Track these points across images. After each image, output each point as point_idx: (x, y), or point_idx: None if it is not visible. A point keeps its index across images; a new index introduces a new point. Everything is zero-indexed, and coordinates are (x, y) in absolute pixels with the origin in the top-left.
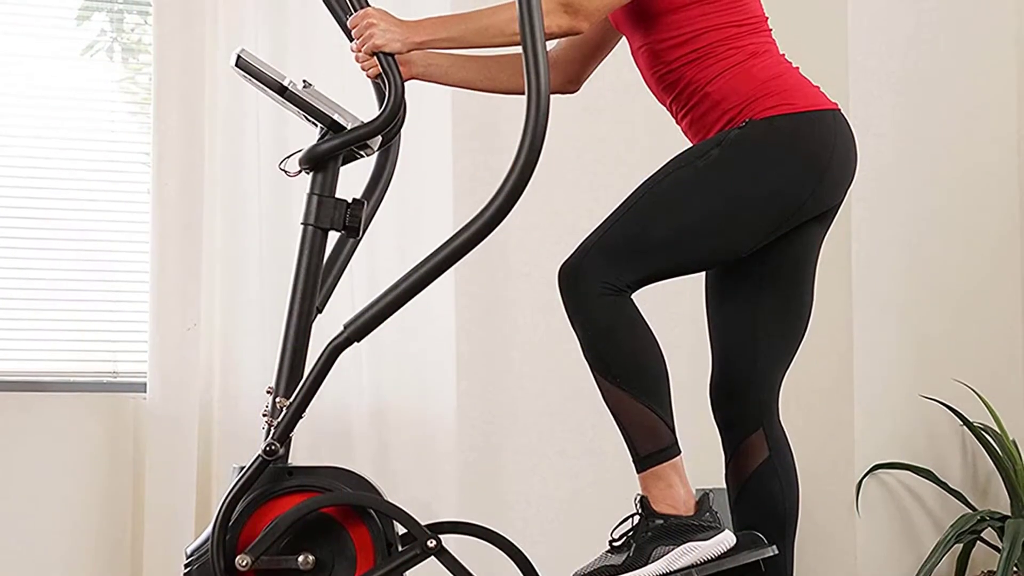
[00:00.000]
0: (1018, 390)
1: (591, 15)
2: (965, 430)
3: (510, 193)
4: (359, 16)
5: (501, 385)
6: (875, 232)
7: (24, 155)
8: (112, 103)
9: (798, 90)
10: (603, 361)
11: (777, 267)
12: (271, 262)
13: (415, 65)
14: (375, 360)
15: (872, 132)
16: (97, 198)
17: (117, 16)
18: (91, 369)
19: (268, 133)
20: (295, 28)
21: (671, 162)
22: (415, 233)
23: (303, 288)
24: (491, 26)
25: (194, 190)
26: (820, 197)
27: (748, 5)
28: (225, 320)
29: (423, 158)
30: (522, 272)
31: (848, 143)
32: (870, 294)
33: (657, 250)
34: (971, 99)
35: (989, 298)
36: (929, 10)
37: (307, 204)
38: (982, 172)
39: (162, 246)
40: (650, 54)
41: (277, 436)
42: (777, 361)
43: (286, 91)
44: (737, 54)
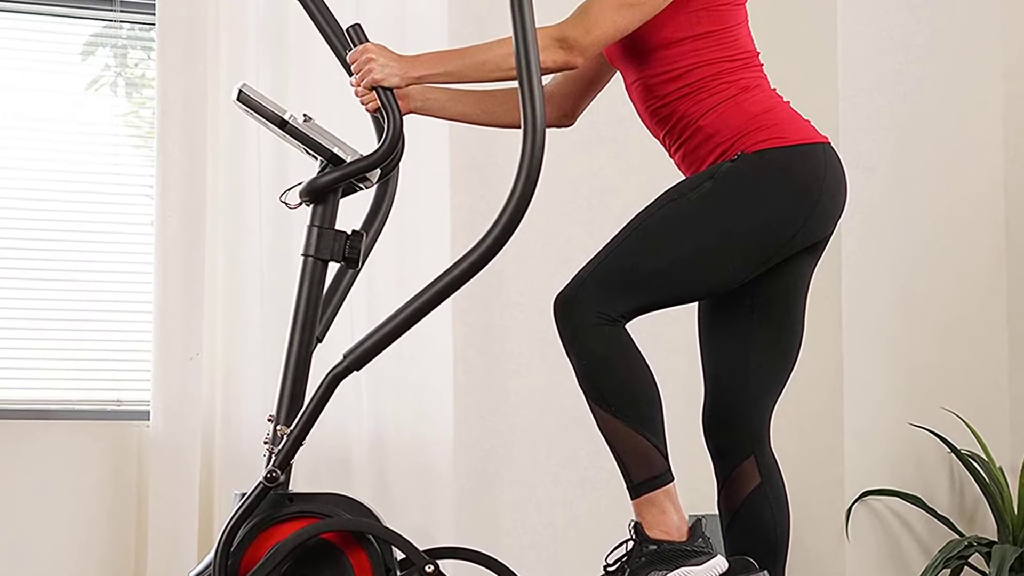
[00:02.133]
0: (1004, 418)
1: (586, 50)
2: (953, 457)
3: (506, 225)
4: (358, 51)
5: (498, 413)
6: (864, 263)
7: (30, 187)
8: (116, 136)
9: (789, 124)
10: (598, 390)
11: (768, 298)
12: (272, 293)
13: (413, 99)
14: (374, 389)
15: (862, 165)
16: (101, 230)
17: (121, 51)
18: (96, 398)
19: (269, 166)
20: (295, 63)
21: (664, 195)
22: (413, 264)
23: (303, 318)
24: (488, 61)
25: (196, 222)
26: (811, 229)
27: (740, 40)
28: (227, 350)
29: (421, 190)
30: (518, 302)
31: (838, 176)
32: (860, 324)
33: (651, 281)
34: (958, 134)
35: (976, 329)
36: (918, 46)
37: (307, 236)
38: (969, 206)
39: (165, 277)
40: (644, 88)
41: (278, 463)
42: (768, 390)
43: (287, 125)
44: (729, 88)
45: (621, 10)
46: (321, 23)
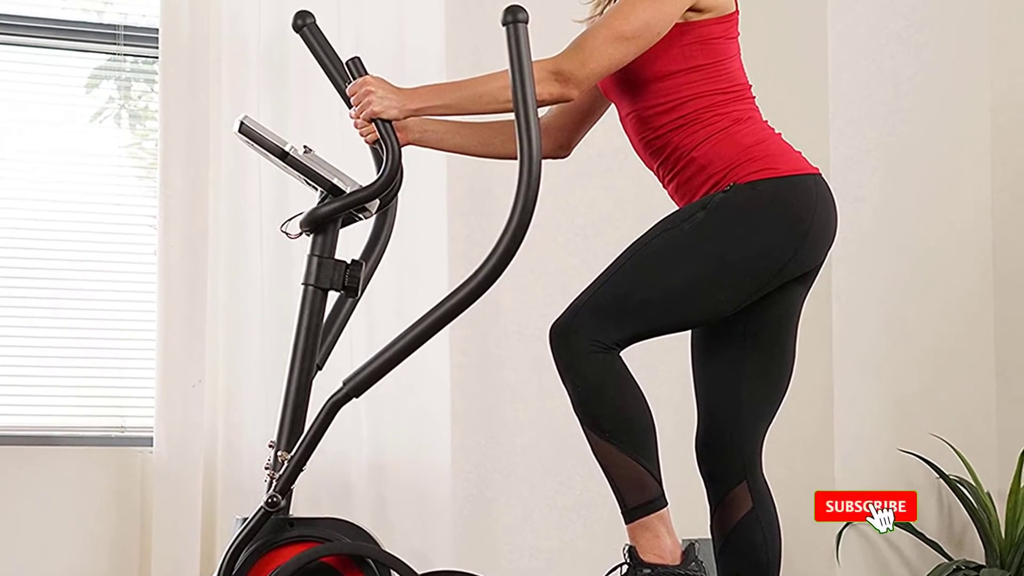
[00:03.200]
0: (992, 444)
1: (581, 83)
2: (941, 483)
3: (503, 255)
4: (358, 84)
5: (494, 440)
6: (855, 292)
7: (35, 217)
8: (120, 168)
9: (781, 155)
10: (593, 416)
11: (760, 326)
12: (273, 321)
13: (412, 131)
14: (373, 415)
15: (852, 196)
16: (105, 259)
17: (125, 84)
18: (100, 424)
19: (270, 197)
20: (296, 96)
21: (658, 225)
22: (412, 293)
23: (304, 346)
24: (485, 93)
25: (199, 252)
26: (802, 258)
27: (733, 73)
28: (229, 377)
29: (419, 220)
30: (514, 330)
31: (829, 206)
32: (850, 352)
33: (644, 310)
34: (946, 165)
35: (964, 357)
36: (907, 79)
37: (307, 265)
38: (957, 235)
39: (168, 306)
40: (638, 120)
41: (279, 488)
42: (760, 417)
43: (287, 156)
44: (722, 120)
45: (616, 44)
46: (321, 56)
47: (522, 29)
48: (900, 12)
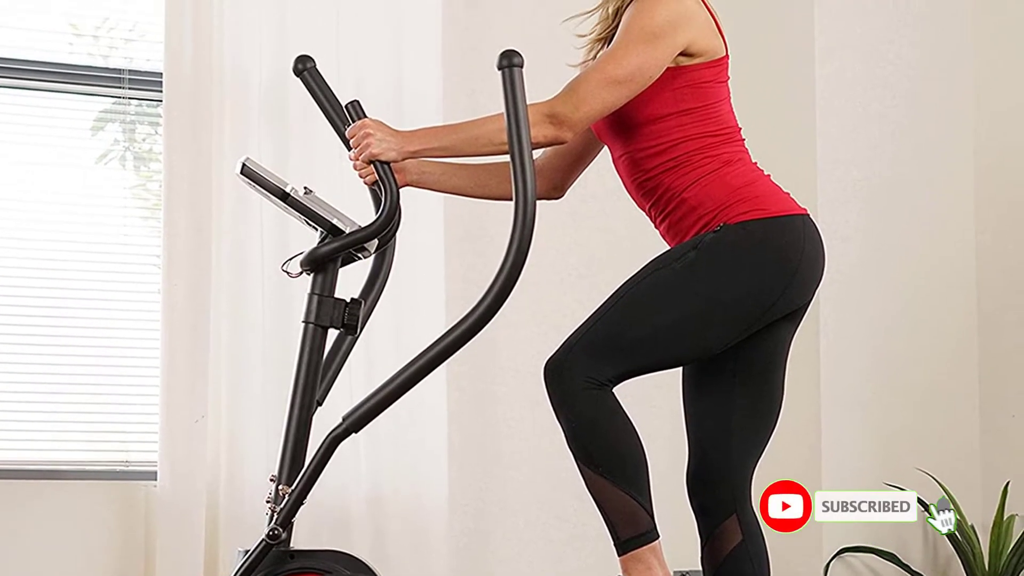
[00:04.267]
0: (976, 479)
1: (575, 125)
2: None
3: (499, 293)
4: (357, 127)
5: (490, 474)
6: (842, 330)
7: (43, 256)
8: (125, 208)
9: (769, 196)
10: (586, 451)
11: (750, 363)
12: (274, 358)
13: (409, 173)
14: (372, 450)
15: (839, 236)
16: (111, 298)
17: (129, 127)
18: (105, 458)
19: (271, 237)
20: (296, 138)
21: (650, 264)
22: (410, 331)
23: (304, 382)
24: (481, 136)
25: (202, 290)
26: (790, 297)
27: (723, 116)
28: (231, 413)
29: (417, 260)
30: (510, 367)
31: (816, 246)
32: (837, 388)
33: (637, 347)
34: (931, 206)
35: (948, 393)
36: (893, 122)
37: (308, 303)
38: (942, 275)
39: (172, 343)
40: (630, 162)
41: (280, 521)
42: (750, 451)
43: (288, 197)
44: (712, 162)
45: (608, 87)
46: (321, 100)
47: (517, 73)
48: (886, 57)
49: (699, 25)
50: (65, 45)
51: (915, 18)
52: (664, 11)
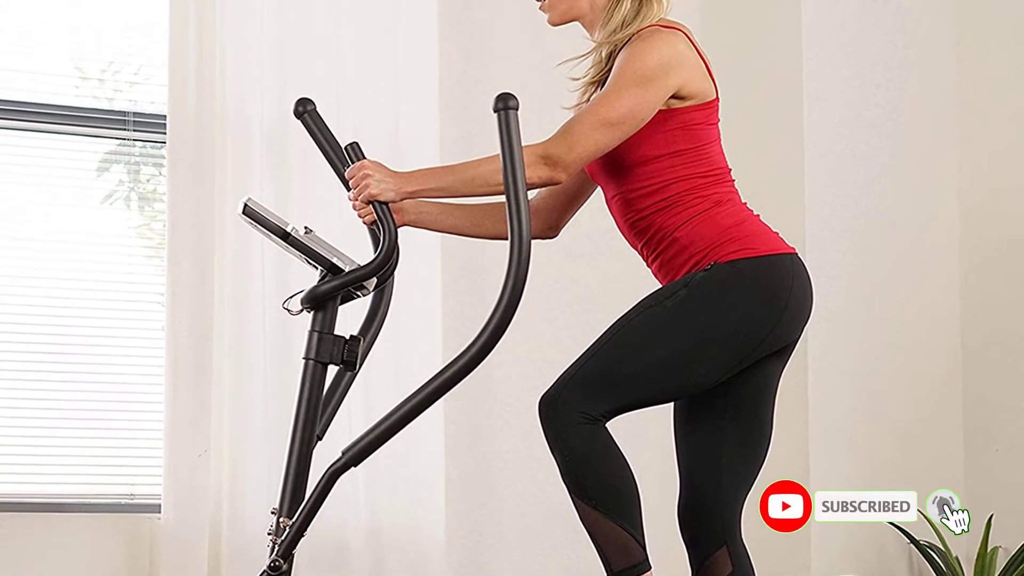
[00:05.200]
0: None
1: (569, 166)
2: (912, 547)
3: (495, 330)
4: (356, 168)
5: (487, 507)
6: (829, 366)
7: (50, 295)
8: (129, 248)
9: (759, 236)
10: (580, 485)
11: (740, 398)
12: (275, 394)
13: (407, 213)
14: (371, 483)
15: (826, 275)
16: (116, 335)
17: (134, 168)
18: (110, 492)
19: (272, 275)
20: (297, 179)
21: (642, 302)
22: (408, 367)
23: (304, 417)
24: (477, 177)
25: (205, 327)
26: (779, 334)
27: (713, 157)
28: (233, 447)
29: (415, 297)
30: (505, 402)
31: (804, 285)
32: (824, 423)
33: (629, 383)
34: (916, 246)
35: (933, 428)
36: (879, 164)
37: (308, 340)
38: (927, 313)
39: (175, 379)
40: (623, 202)
41: (281, 553)
42: (740, 485)
43: (289, 236)
44: (703, 203)
45: (602, 129)
46: (321, 142)
47: (512, 115)
48: (872, 101)
49: (690, 68)
50: (71, 88)
51: (900, 63)
52: (656, 55)
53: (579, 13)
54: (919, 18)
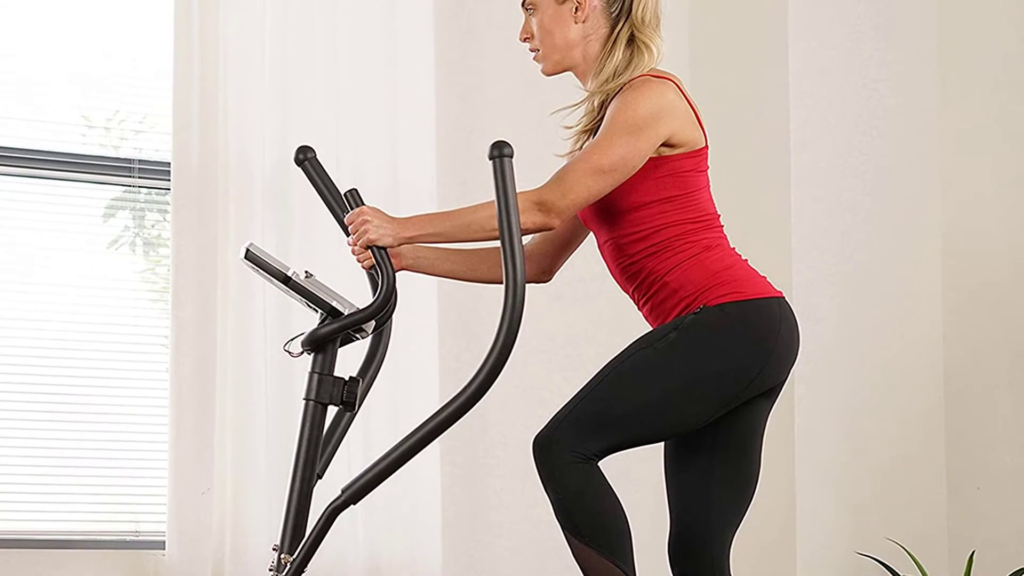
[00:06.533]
0: (943, 547)
1: (562, 213)
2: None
3: (490, 371)
4: (355, 214)
5: (482, 543)
6: (815, 407)
7: (58, 337)
8: (135, 292)
9: (747, 280)
10: (573, 522)
11: (728, 437)
12: (276, 433)
13: (405, 257)
14: (369, 520)
15: (813, 318)
16: (121, 376)
17: (139, 214)
18: (116, 529)
19: (273, 318)
20: (298, 224)
21: (633, 344)
22: (406, 407)
23: (305, 456)
24: (473, 222)
25: (208, 368)
26: (767, 376)
27: (703, 203)
28: (236, 485)
29: (412, 340)
30: (500, 441)
31: (792, 327)
32: (811, 462)
33: (621, 423)
34: (900, 289)
35: (917, 467)
36: (864, 210)
37: (308, 382)
38: (911, 355)
39: (179, 419)
40: (615, 247)
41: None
42: (729, 522)
43: (290, 281)
44: (693, 247)
45: (594, 176)
46: (321, 188)
47: (507, 163)
48: (857, 148)
49: (680, 117)
50: (78, 136)
51: (885, 111)
52: (647, 104)
53: (572, 63)
54: (902, 68)
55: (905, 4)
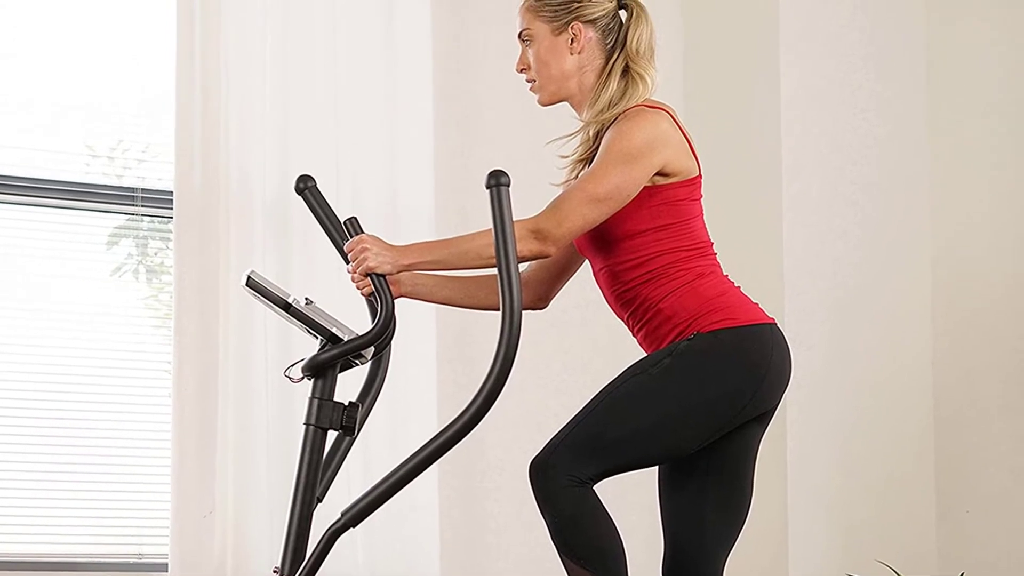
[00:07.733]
0: (933, 571)
1: (558, 241)
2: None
3: (487, 397)
4: (354, 242)
5: (479, 566)
6: (807, 432)
7: (62, 362)
8: (138, 318)
9: (740, 307)
10: (569, 545)
11: (722, 461)
12: (277, 457)
13: (404, 284)
14: (369, 543)
15: (805, 344)
16: (125, 400)
17: (142, 242)
18: (119, 551)
19: (274, 344)
20: (298, 252)
21: (628, 370)
22: (404, 432)
23: (305, 480)
24: (470, 250)
25: (210, 394)
26: (759, 401)
27: (696, 231)
28: (237, 508)
29: (410, 366)
30: (497, 466)
31: (783, 353)
32: (803, 486)
33: (616, 448)
34: (891, 315)
35: (907, 490)
36: (855, 237)
37: (308, 407)
38: (901, 380)
39: (182, 443)
40: (610, 275)
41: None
42: (722, 544)
43: (290, 307)
44: (686, 275)
45: (589, 205)
46: (321, 216)
47: (504, 192)
48: (848, 176)
49: (674, 147)
50: (82, 166)
51: (876, 140)
52: (641, 134)
53: (568, 94)
54: (892, 97)
55: (894, 34)
